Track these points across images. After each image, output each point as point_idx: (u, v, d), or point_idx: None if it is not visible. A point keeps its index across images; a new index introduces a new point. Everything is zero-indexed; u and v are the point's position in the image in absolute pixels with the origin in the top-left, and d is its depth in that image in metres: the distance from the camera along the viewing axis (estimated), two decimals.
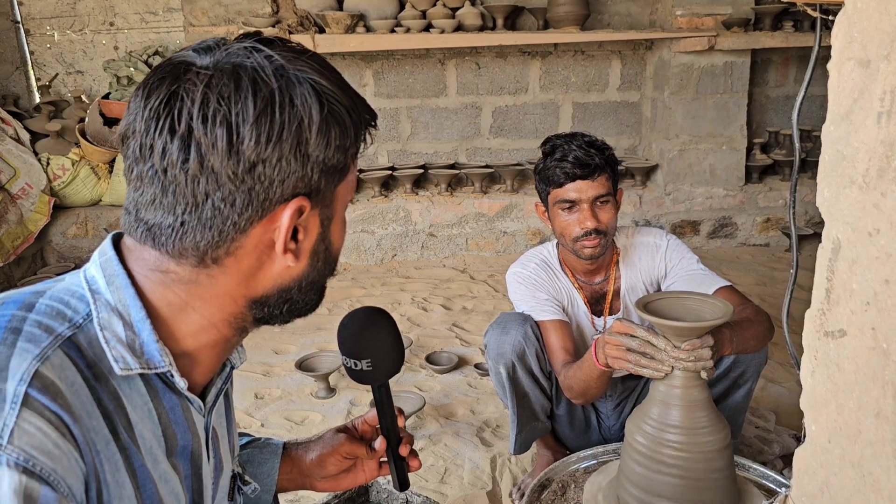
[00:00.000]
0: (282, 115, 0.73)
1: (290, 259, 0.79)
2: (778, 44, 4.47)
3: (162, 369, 0.78)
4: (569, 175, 1.86)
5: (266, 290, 0.82)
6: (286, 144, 0.73)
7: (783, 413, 2.56)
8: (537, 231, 4.65)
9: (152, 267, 0.78)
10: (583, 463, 1.81)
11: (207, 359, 0.85)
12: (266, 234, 0.77)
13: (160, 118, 0.72)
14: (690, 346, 1.41)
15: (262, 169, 0.73)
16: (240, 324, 0.84)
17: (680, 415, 1.45)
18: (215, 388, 0.90)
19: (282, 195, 0.75)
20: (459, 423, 2.56)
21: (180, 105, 0.71)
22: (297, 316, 0.88)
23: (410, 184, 4.66)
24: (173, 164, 0.72)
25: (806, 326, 0.92)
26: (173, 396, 0.82)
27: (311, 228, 0.81)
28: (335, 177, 0.80)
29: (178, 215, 0.74)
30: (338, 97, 0.77)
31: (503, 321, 1.97)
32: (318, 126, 0.75)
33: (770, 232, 4.80)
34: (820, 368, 0.90)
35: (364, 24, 4.37)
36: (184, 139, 0.71)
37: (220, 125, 0.71)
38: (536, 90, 4.94)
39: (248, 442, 1.20)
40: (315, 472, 1.17)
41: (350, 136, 0.79)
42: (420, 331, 3.43)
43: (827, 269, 0.87)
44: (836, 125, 0.85)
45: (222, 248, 0.76)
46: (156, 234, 0.76)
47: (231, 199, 0.73)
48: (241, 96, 0.72)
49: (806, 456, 0.94)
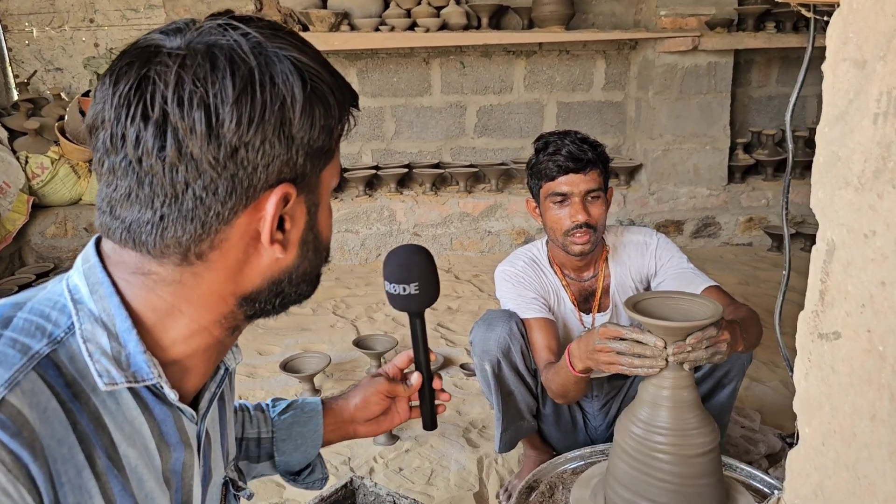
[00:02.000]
0: (263, 95, 0.68)
1: (277, 250, 0.75)
2: (761, 44, 4.50)
3: (150, 381, 0.74)
4: (561, 168, 1.87)
5: (256, 286, 0.78)
6: (269, 126, 0.69)
7: (768, 412, 2.57)
8: (522, 231, 4.64)
9: (133, 270, 0.74)
10: (571, 464, 1.80)
11: (199, 364, 0.81)
12: (251, 225, 0.73)
13: (131, 104, 0.67)
14: (695, 338, 1.39)
15: (244, 153, 0.69)
16: (231, 323, 0.80)
17: (669, 416, 1.44)
18: (209, 394, 0.86)
19: (266, 181, 0.71)
20: (445, 423, 2.54)
21: (153, 89, 0.66)
22: (288, 307, 0.84)
23: (395, 183, 4.64)
24: (148, 152, 0.67)
25: (799, 328, 0.92)
26: (164, 408, 0.78)
27: (298, 217, 0.77)
28: (320, 160, 0.76)
29: (156, 209, 0.69)
30: (320, 74, 0.73)
31: (489, 318, 1.97)
32: (302, 105, 0.71)
33: (753, 231, 4.83)
34: (814, 371, 0.90)
35: (348, 22, 4.34)
36: (159, 125, 0.66)
37: (198, 108, 0.66)
38: (521, 90, 4.93)
39: (287, 406, 1.23)
40: (359, 416, 1.22)
41: (334, 116, 0.75)
42: (405, 331, 3.41)
43: (821, 271, 0.87)
44: (830, 126, 0.84)
45: (206, 242, 0.72)
46: (135, 233, 0.71)
47: (213, 188, 0.69)
48: (218, 76, 0.67)
49: (799, 458, 0.94)
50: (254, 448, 1.19)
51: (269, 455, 1.20)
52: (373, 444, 2.39)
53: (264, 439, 1.19)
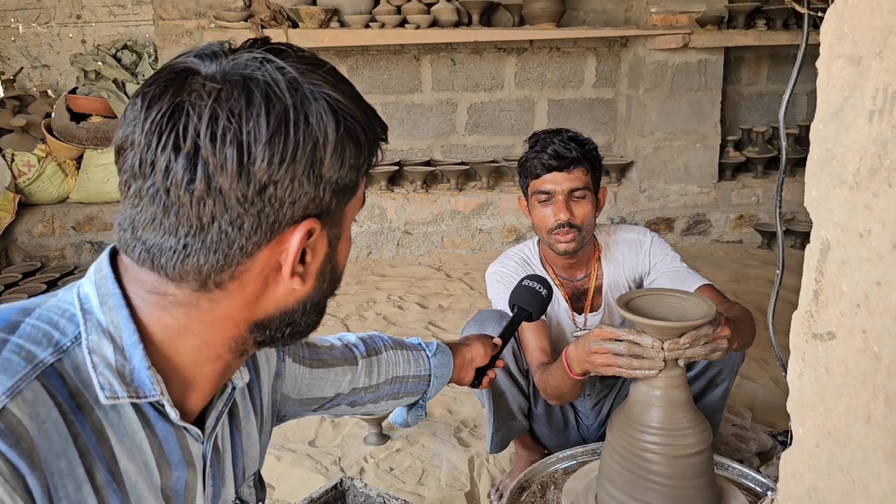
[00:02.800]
0: (296, 135, 0.68)
1: (296, 282, 0.75)
2: (751, 42, 4.50)
3: (152, 398, 0.73)
4: (545, 166, 1.86)
5: (269, 313, 0.77)
6: (300, 165, 0.68)
7: (759, 410, 2.57)
8: (513, 228, 4.63)
9: (150, 289, 0.73)
10: (562, 464, 1.79)
11: (205, 383, 0.80)
12: (273, 258, 0.73)
13: (163, 133, 0.66)
14: (690, 337, 1.38)
15: (273, 191, 0.68)
16: (240, 347, 0.79)
17: (660, 415, 1.43)
18: (215, 412, 0.85)
19: (292, 217, 0.71)
20: (437, 423, 2.53)
21: (186, 120, 0.66)
22: (297, 339, 0.84)
23: (385, 181, 4.62)
24: (177, 183, 0.66)
25: (793, 328, 0.91)
26: (167, 425, 0.77)
27: (319, 249, 0.76)
28: (346, 195, 0.76)
29: (180, 237, 0.69)
30: (353, 114, 0.72)
31: (480, 318, 1.95)
32: (334, 146, 0.70)
33: (743, 229, 4.84)
34: (808, 371, 0.89)
35: (338, 19, 4.32)
36: (190, 157, 0.66)
37: (231, 144, 0.66)
38: (512, 87, 4.92)
39: (437, 347, 1.40)
40: (476, 363, 1.47)
41: (364, 154, 0.74)
42: (396, 330, 3.40)
43: (815, 271, 0.86)
44: (825, 124, 0.83)
45: (227, 273, 0.71)
46: (155, 256, 0.70)
47: (239, 223, 0.68)
48: (252, 113, 0.66)
49: (793, 459, 0.93)
50: (413, 384, 1.35)
51: (423, 391, 1.37)
52: (363, 444, 2.38)
53: (423, 377, 1.36)
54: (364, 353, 1.27)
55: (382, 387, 1.30)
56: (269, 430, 1.06)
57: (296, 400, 1.15)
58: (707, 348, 1.40)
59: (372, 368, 1.27)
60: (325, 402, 1.21)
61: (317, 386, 1.18)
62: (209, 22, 4.34)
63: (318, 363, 1.18)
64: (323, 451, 2.35)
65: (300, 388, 1.15)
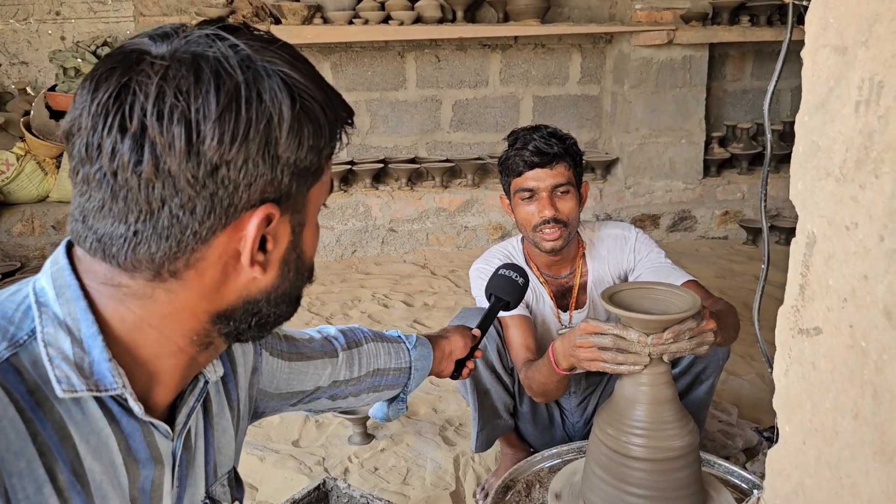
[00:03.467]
0: (248, 112, 0.65)
1: (257, 271, 0.72)
2: (735, 38, 4.51)
3: (114, 391, 0.70)
4: (527, 163, 1.84)
5: (231, 304, 0.74)
6: (253, 145, 0.66)
7: (745, 406, 2.57)
8: (498, 226, 4.62)
9: (104, 280, 0.70)
10: (547, 462, 1.77)
11: (169, 378, 0.77)
12: (230, 245, 0.70)
13: (109, 114, 0.63)
14: (672, 332, 1.36)
15: (225, 172, 0.65)
16: (204, 340, 0.76)
17: (646, 413, 1.41)
18: (186, 408, 0.81)
19: (248, 201, 0.68)
20: (421, 421, 2.51)
21: (132, 99, 0.63)
22: (268, 330, 0.81)
23: (370, 178, 4.59)
24: (124, 166, 0.63)
25: (779, 324, 0.89)
26: (132, 421, 0.74)
27: (281, 237, 0.73)
28: (307, 180, 0.73)
29: (130, 224, 0.66)
30: (311, 92, 0.70)
31: (464, 316, 1.93)
32: (290, 124, 0.67)
33: (728, 225, 4.85)
34: (794, 367, 0.87)
35: (321, 15, 4.28)
36: (136, 138, 0.63)
37: (178, 123, 0.63)
38: (497, 83, 4.90)
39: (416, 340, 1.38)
40: (455, 355, 1.45)
41: (324, 136, 0.71)
42: (381, 328, 3.35)
43: (801, 265, 0.84)
44: (810, 115, 0.82)
45: (181, 261, 0.68)
46: (106, 245, 0.67)
47: (191, 206, 0.66)
48: (201, 90, 0.64)
49: (779, 457, 0.91)
50: (394, 377, 1.33)
51: (403, 384, 1.35)
52: (348, 444, 2.35)
53: (404, 369, 1.34)
54: (344, 346, 1.25)
55: (364, 379, 1.27)
56: (245, 426, 1.03)
57: (274, 395, 1.13)
58: (692, 343, 1.39)
59: (353, 361, 1.25)
60: (304, 395, 1.18)
61: (296, 380, 1.15)
62: (190, 18, 4.29)
63: (296, 356, 1.15)
64: (306, 452, 2.32)
65: (278, 383, 1.12)
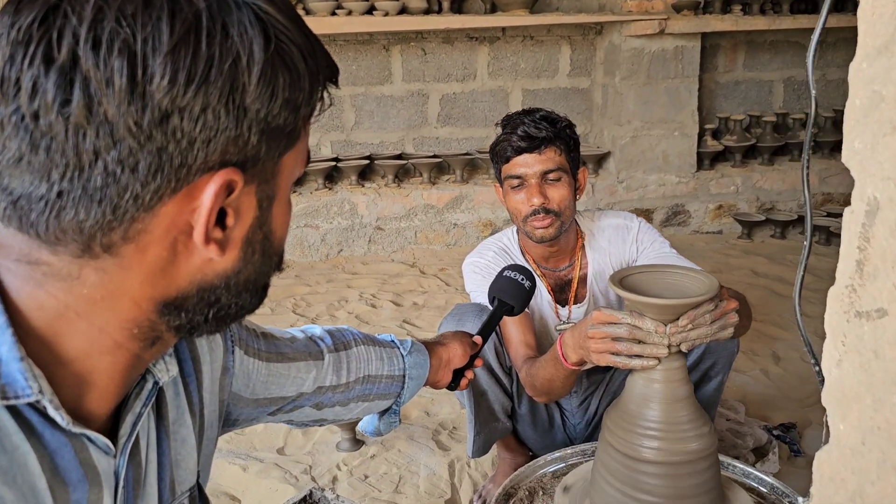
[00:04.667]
0: (210, 48, 0.52)
1: (213, 251, 0.58)
2: (728, 27, 4.42)
3: (27, 398, 0.56)
4: (515, 148, 1.73)
5: (181, 290, 0.61)
6: (214, 89, 0.53)
7: (751, 403, 2.47)
8: (488, 222, 4.50)
9: (18, 256, 0.56)
10: (550, 467, 1.65)
11: (106, 379, 0.62)
12: (181, 216, 0.56)
13: (32, 41, 0.50)
14: (688, 318, 1.23)
15: (177, 121, 0.52)
16: (148, 334, 0.62)
17: (659, 414, 1.29)
18: (131, 416, 0.67)
19: (205, 162, 0.55)
20: (414, 426, 2.38)
21: (62, 23, 0.50)
22: (227, 323, 0.67)
23: (356, 175, 4.46)
24: (47, 106, 0.50)
25: (829, 307, 0.77)
26: (58, 434, 0.59)
27: (245, 211, 0.60)
28: (280, 142, 0.60)
29: (53, 182, 0.52)
30: (290, 34, 0.57)
31: (458, 312, 1.81)
32: (261, 68, 0.54)
33: (723, 219, 4.76)
34: (850, 356, 0.75)
35: (303, 6, 4.15)
36: (64, 72, 0.50)
37: (119, 54, 0.50)
38: (485, 77, 4.78)
39: (412, 346, 1.25)
40: (454, 364, 1.31)
41: (303, 88, 0.58)
42: (369, 329, 3.24)
43: (859, 237, 0.72)
44: (869, 61, 0.70)
45: (117, 232, 0.55)
46: (23, 210, 0.53)
47: (131, 163, 0.52)
48: (151, 16, 0.51)
49: (832, 460, 0.79)
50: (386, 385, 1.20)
51: (396, 394, 1.22)
52: (336, 451, 2.22)
53: (397, 377, 1.21)
54: (331, 347, 1.11)
55: (353, 386, 1.13)
56: (213, 436, 0.88)
57: (250, 400, 0.98)
58: (715, 327, 1.25)
59: (341, 365, 1.11)
60: (285, 403, 1.04)
61: (275, 384, 1.00)
62: None
63: (276, 356, 1.00)
64: (292, 460, 2.19)
65: (255, 387, 0.97)
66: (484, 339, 1.39)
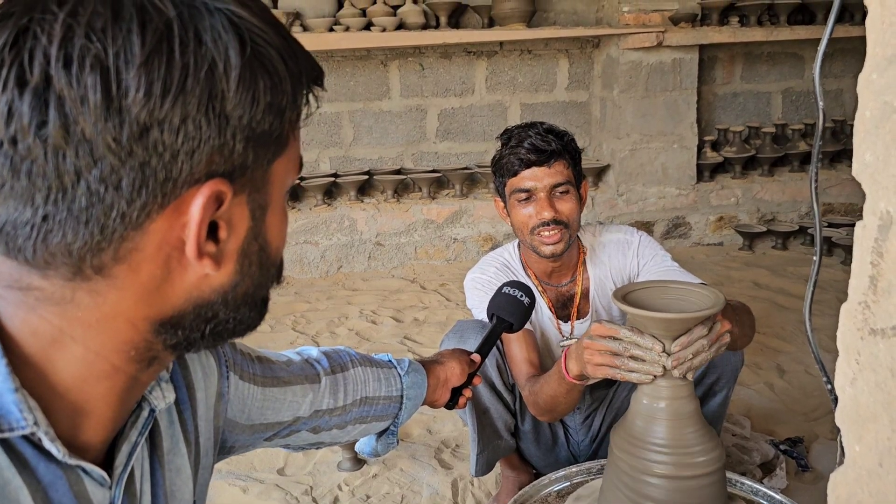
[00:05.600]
0: (184, 56, 0.51)
1: (208, 265, 0.57)
2: (726, 39, 4.42)
3: (22, 430, 0.54)
4: (523, 162, 1.70)
5: (177, 308, 0.59)
6: (192, 98, 0.51)
7: (756, 417, 2.44)
8: (489, 237, 4.48)
9: (9, 283, 0.55)
10: (556, 485, 1.62)
11: (103, 406, 0.60)
12: (172, 232, 0.55)
13: (3, 66, 0.49)
14: (680, 345, 1.23)
15: (157, 135, 0.51)
16: (145, 355, 0.60)
17: (666, 431, 1.27)
18: (127, 446, 0.65)
19: (191, 174, 0.53)
20: (416, 444, 2.35)
21: (32, 44, 0.49)
22: (226, 339, 0.65)
23: (355, 191, 4.45)
24: (24, 130, 0.49)
25: (842, 324, 0.75)
26: (53, 467, 0.57)
27: (237, 222, 0.59)
28: (268, 149, 0.58)
29: (38, 206, 0.51)
30: (266, 36, 0.55)
31: (460, 329, 1.78)
32: (239, 73, 0.53)
33: (723, 231, 4.74)
34: (864, 375, 0.73)
35: (300, 23, 4.15)
36: (38, 93, 0.49)
37: (92, 70, 0.49)
38: (483, 91, 4.78)
39: (409, 365, 1.24)
40: (451, 383, 1.29)
41: (285, 92, 0.57)
42: (370, 345, 3.21)
43: (872, 252, 0.70)
44: (879, 72, 0.68)
45: (107, 253, 0.54)
46: (9, 236, 0.52)
47: (114, 180, 0.51)
48: (121, 28, 0.50)
49: (848, 482, 0.77)
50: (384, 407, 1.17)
51: (394, 415, 1.20)
52: (337, 471, 2.19)
53: (395, 398, 1.19)
54: (328, 370, 1.08)
55: (350, 409, 1.10)
56: (209, 464, 0.85)
57: (245, 426, 0.95)
58: (713, 350, 1.26)
59: (338, 387, 1.08)
60: (281, 427, 1.01)
61: (271, 408, 0.98)
62: None
63: (272, 381, 0.98)
64: (293, 480, 2.16)
65: (250, 412, 0.95)
66: (482, 357, 1.37)
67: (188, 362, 0.81)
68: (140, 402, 0.67)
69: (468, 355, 1.36)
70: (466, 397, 1.35)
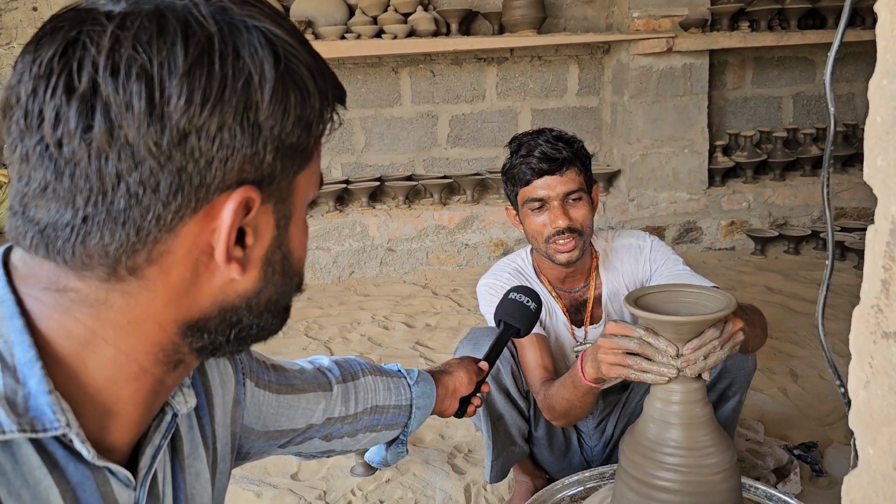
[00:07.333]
0: (223, 68, 0.54)
1: (234, 270, 0.60)
2: (735, 44, 4.42)
3: (55, 431, 0.55)
4: (535, 171, 1.71)
5: (204, 311, 0.62)
6: (229, 108, 0.54)
7: (769, 422, 2.43)
8: (500, 242, 4.49)
9: (46, 285, 0.57)
10: (569, 490, 1.62)
11: (130, 408, 0.62)
12: (202, 236, 0.58)
13: (53, 74, 0.52)
14: (692, 348, 1.23)
15: (195, 141, 0.54)
16: (172, 357, 0.63)
17: (678, 438, 1.27)
18: (151, 448, 0.67)
19: (223, 180, 0.56)
20: (428, 449, 2.36)
21: (81, 54, 0.52)
22: (249, 344, 0.68)
23: (366, 197, 4.47)
24: (70, 133, 0.52)
25: (855, 328, 0.76)
26: (82, 467, 0.59)
27: (263, 230, 0.61)
28: (294, 161, 0.61)
29: (78, 207, 0.54)
30: (298, 54, 0.59)
31: (474, 336, 1.79)
32: (273, 86, 0.56)
33: (735, 235, 4.73)
34: (878, 378, 0.73)
35: (312, 31, 4.19)
36: (85, 99, 0.52)
37: (138, 79, 0.52)
38: (494, 97, 4.80)
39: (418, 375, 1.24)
40: (459, 392, 1.30)
41: (313, 107, 0.60)
42: (382, 351, 3.23)
43: (884, 256, 0.71)
44: (890, 78, 0.69)
45: (142, 254, 0.56)
46: (49, 239, 0.55)
47: (153, 183, 0.54)
48: (166, 41, 0.53)
49: (862, 485, 0.78)
50: (394, 416, 1.18)
51: (403, 424, 1.21)
52: (350, 476, 2.20)
53: (404, 407, 1.20)
54: (339, 378, 1.10)
55: (361, 417, 1.12)
56: (227, 469, 0.87)
57: (261, 433, 0.98)
58: (726, 349, 1.27)
59: (349, 395, 1.11)
60: (295, 434, 1.04)
61: (285, 415, 1.00)
62: None
63: (286, 388, 1.00)
64: (306, 485, 2.17)
65: (265, 419, 0.97)
66: (490, 364, 1.37)
67: (207, 369, 0.83)
68: (163, 406, 0.69)
69: (476, 363, 1.37)
70: (475, 405, 1.35)
